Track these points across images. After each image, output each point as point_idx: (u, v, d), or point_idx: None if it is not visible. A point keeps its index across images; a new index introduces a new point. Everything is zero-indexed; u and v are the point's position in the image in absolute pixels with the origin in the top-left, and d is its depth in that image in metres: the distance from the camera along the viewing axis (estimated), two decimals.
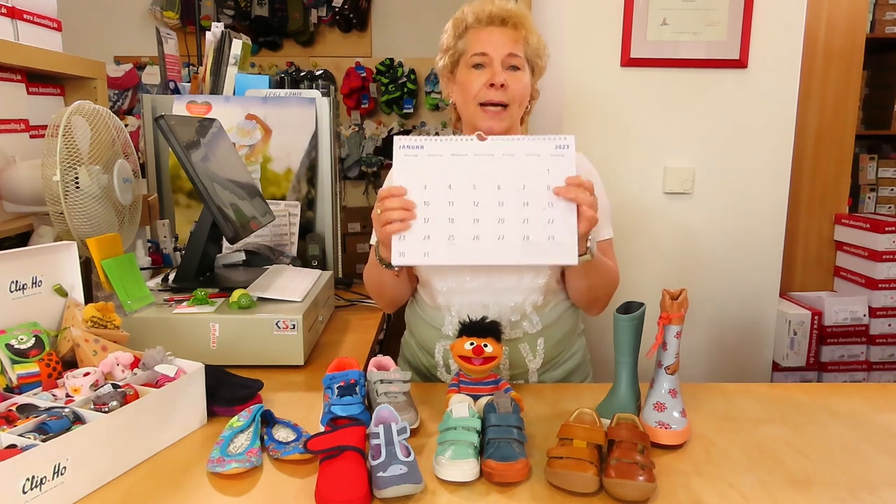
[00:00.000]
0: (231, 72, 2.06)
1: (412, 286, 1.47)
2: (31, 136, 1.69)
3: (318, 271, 1.77)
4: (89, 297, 1.48)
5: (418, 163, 1.19)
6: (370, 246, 1.48)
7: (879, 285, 2.51)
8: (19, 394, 1.07)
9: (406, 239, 1.18)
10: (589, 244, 1.22)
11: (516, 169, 1.18)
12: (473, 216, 1.18)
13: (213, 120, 1.74)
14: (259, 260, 1.80)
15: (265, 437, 1.09)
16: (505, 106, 1.34)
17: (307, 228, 2.06)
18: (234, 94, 2.05)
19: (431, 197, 1.18)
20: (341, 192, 2.31)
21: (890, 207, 3.09)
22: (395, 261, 1.18)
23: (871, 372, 2.58)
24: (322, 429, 1.10)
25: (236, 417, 1.09)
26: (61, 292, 1.22)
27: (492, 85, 1.32)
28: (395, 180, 1.22)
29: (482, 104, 1.34)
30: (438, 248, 1.18)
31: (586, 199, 1.15)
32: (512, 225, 1.17)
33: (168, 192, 2.05)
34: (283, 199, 2.02)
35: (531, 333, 1.38)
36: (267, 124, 2.01)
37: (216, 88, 2.06)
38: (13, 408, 1.01)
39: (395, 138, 1.21)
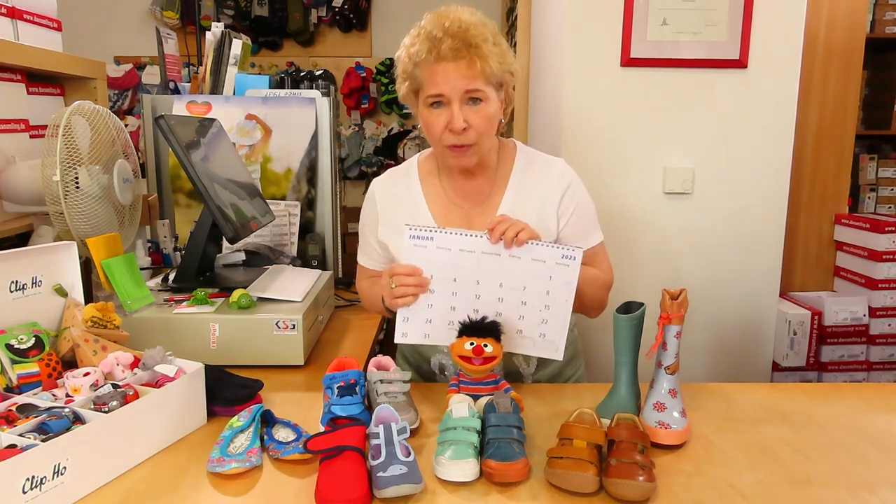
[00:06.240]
0: (231, 72, 2.06)
1: None
2: (31, 136, 1.69)
3: (318, 271, 1.77)
4: (89, 297, 1.48)
5: (427, 254, 1.22)
6: (359, 265, 1.51)
7: (879, 285, 2.51)
8: (19, 394, 1.07)
9: (409, 321, 1.25)
10: None
11: (520, 271, 1.22)
12: (474, 307, 1.24)
13: (213, 120, 1.74)
14: (259, 260, 1.80)
15: (265, 437, 1.09)
16: (470, 145, 1.28)
17: (307, 228, 2.06)
18: (234, 94, 2.05)
19: (436, 286, 1.23)
20: (341, 192, 2.31)
21: (890, 207, 3.09)
22: (398, 339, 1.26)
23: (871, 372, 2.58)
24: (322, 429, 1.10)
25: (236, 417, 1.09)
26: (61, 292, 1.22)
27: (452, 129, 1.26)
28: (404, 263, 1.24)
29: (447, 146, 1.29)
30: (438, 332, 1.26)
31: (514, 228, 1.18)
32: (508, 319, 1.24)
33: (168, 192, 2.05)
34: (283, 199, 2.02)
35: None
36: (267, 124, 2.01)
37: (216, 88, 2.06)
38: (13, 408, 1.01)
39: (406, 226, 1.22)
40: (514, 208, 1.35)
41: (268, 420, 1.12)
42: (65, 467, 0.90)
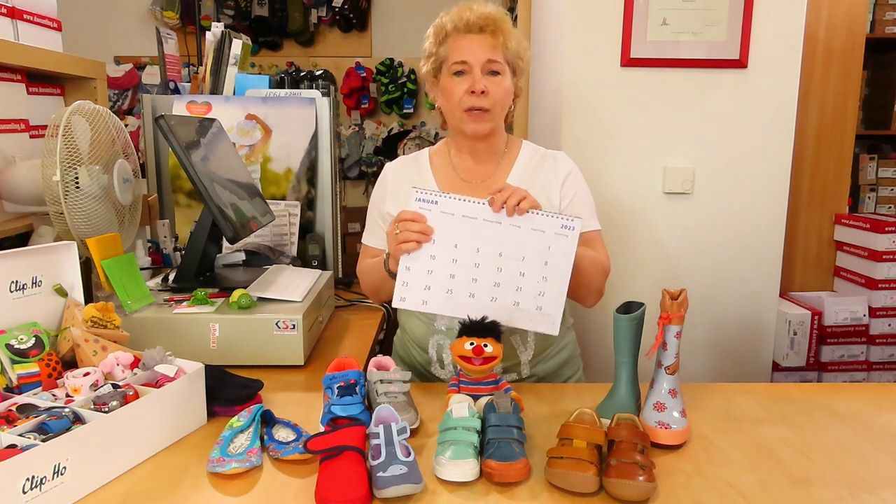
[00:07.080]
0: (231, 72, 2.06)
1: None
2: (31, 136, 1.69)
3: (318, 271, 1.77)
4: (89, 297, 1.48)
5: (431, 217, 1.25)
6: (361, 244, 1.56)
7: (879, 285, 2.51)
8: (19, 394, 1.07)
9: (409, 286, 1.26)
10: None
11: (519, 240, 1.24)
12: (472, 276, 1.25)
13: (213, 120, 1.74)
14: (259, 260, 1.80)
15: (265, 437, 1.09)
16: (487, 110, 1.39)
17: (307, 228, 2.06)
18: (234, 94, 2.05)
19: (437, 252, 1.25)
20: (341, 192, 2.31)
21: (890, 207, 3.09)
22: (396, 304, 1.27)
23: (871, 372, 2.58)
24: (322, 429, 1.10)
25: (236, 417, 1.09)
26: (61, 292, 1.22)
27: (473, 91, 1.37)
28: None
29: (466, 110, 1.40)
30: (436, 299, 1.26)
31: (516, 196, 1.23)
32: (506, 290, 1.25)
33: (168, 192, 2.05)
34: (283, 199, 2.02)
35: None
36: (267, 124, 2.01)
37: (216, 88, 2.06)
38: (13, 408, 1.01)
39: (412, 189, 1.26)
40: (519, 186, 1.38)
41: (268, 420, 1.12)
42: (65, 467, 0.90)
